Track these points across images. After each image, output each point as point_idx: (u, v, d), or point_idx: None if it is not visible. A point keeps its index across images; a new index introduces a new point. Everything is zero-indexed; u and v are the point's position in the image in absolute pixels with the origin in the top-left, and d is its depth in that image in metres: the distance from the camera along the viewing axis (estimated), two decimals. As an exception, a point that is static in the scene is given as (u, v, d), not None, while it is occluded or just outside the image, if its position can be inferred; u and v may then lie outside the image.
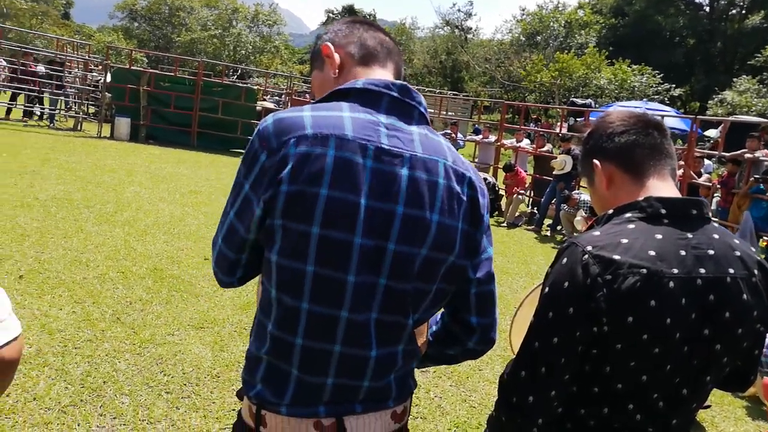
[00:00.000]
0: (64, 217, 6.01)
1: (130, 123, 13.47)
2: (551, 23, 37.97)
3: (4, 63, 14.79)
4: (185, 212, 7.11)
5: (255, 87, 18.20)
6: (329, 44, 1.23)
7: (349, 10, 48.45)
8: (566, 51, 32.36)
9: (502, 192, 10.91)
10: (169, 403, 2.99)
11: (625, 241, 1.12)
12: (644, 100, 24.08)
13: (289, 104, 16.34)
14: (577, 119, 16.50)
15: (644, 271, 1.09)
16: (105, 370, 3.19)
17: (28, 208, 6.09)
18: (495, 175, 12.14)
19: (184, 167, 10.78)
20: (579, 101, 20.57)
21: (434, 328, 1.30)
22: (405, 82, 1.18)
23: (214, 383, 3.25)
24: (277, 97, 21.09)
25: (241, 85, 17.40)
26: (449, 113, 21.00)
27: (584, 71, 29.05)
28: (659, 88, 28.25)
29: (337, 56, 1.22)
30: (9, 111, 14.52)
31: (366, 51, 1.23)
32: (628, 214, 1.19)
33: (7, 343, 0.99)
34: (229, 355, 3.59)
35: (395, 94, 1.14)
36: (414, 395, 1.26)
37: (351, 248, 1.05)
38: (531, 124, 21.25)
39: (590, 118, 13.20)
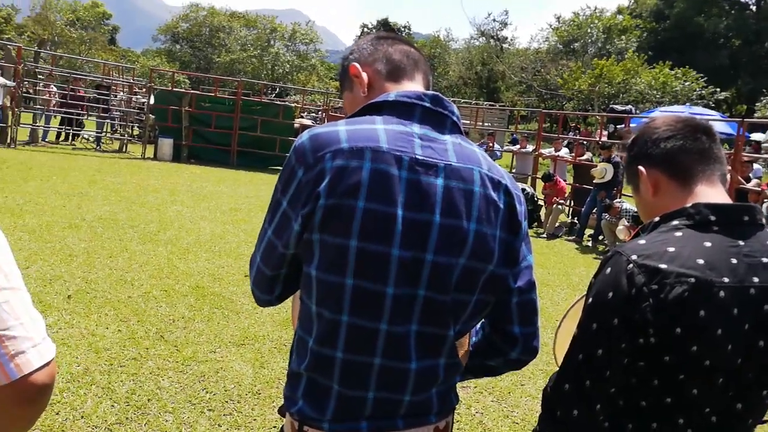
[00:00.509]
0: (110, 237, 6.21)
1: (173, 143, 13.87)
2: (589, 29, 37.42)
3: (55, 89, 15.46)
4: (226, 230, 7.25)
5: (292, 104, 18.50)
6: (356, 64, 1.24)
7: (384, 24, 48.88)
8: (605, 57, 31.81)
9: (541, 202, 10.75)
10: (212, 421, 3.03)
11: (671, 249, 1.09)
12: (688, 104, 23.41)
13: (326, 120, 16.55)
14: (618, 126, 16.15)
15: (692, 280, 1.05)
16: (149, 387, 3.26)
17: (76, 229, 6.31)
18: (533, 185, 11.99)
19: (224, 185, 11.01)
20: (619, 107, 20.10)
21: (475, 339, 1.29)
22: (437, 92, 1.18)
23: (255, 400, 3.28)
24: (314, 114, 21.39)
25: (279, 103, 17.72)
26: (485, 124, 20.88)
27: (623, 76, 28.48)
28: (703, 92, 27.46)
29: (365, 75, 1.23)
30: (59, 135, 15.16)
31: (393, 66, 1.24)
32: (675, 222, 1.15)
33: (41, 368, 1.00)
34: (269, 372, 3.62)
35: (428, 105, 1.14)
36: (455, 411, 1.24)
37: (389, 260, 1.05)
38: (569, 133, 20.90)
39: (631, 124, 12.92)
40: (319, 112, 19.98)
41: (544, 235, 9.95)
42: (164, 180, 10.68)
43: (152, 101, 14.64)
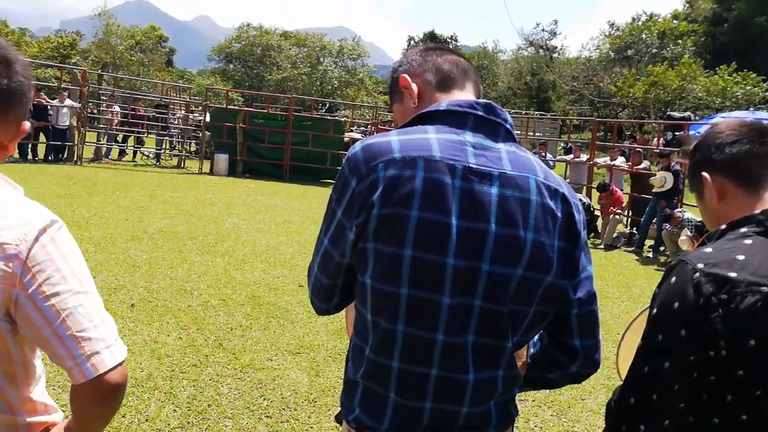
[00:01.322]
0: (170, 248, 6.41)
1: (228, 159, 14.29)
2: (643, 35, 36.42)
3: (117, 109, 16.20)
4: (280, 241, 7.37)
5: (342, 119, 18.75)
6: (405, 75, 1.24)
7: (431, 37, 49.03)
8: (659, 63, 30.86)
9: (597, 213, 10.47)
10: (270, 427, 3.06)
11: (741, 257, 1.03)
12: (750, 109, 22.39)
13: (375, 133, 16.66)
14: (676, 133, 15.60)
15: (765, 289, 1.00)
16: (209, 394, 3.32)
17: (138, 241, 6.55)
18: (589, 195, 11.69)
19: (278, 199, 11.23)
20: (677, 114, 19.46)
21: (533, 350, 1.25)
22: (489, 101, 1.16)
23: (311, 408, 3.29)
24: (363, 128, 21.61)
25: (329, 118, 17.99)
26: (537, 134, 20.57)
27: (679, 83, 27.54)
28: (767, 95, 26.20)
29: (414, 86, 1.23)
30: (121, 153, 15.86)
31: (443, 75, 1.23)
32: (743, 229, 1.10)
33: (114, 368, 1.04)
34: (324, 381, 3.63)
35: (480, 113, 1.13)
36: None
37: (444, 270, 1.03)
38: (625, 141, 20.34)
39: (690, 131, 12.45)
40: (369, 126, 20.17)
41: (602, 246, 9.68)
42: (220, 194, 10.99)
43: (208, 119, 15.15)
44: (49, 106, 13.42)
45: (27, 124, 1.12)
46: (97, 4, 38.88)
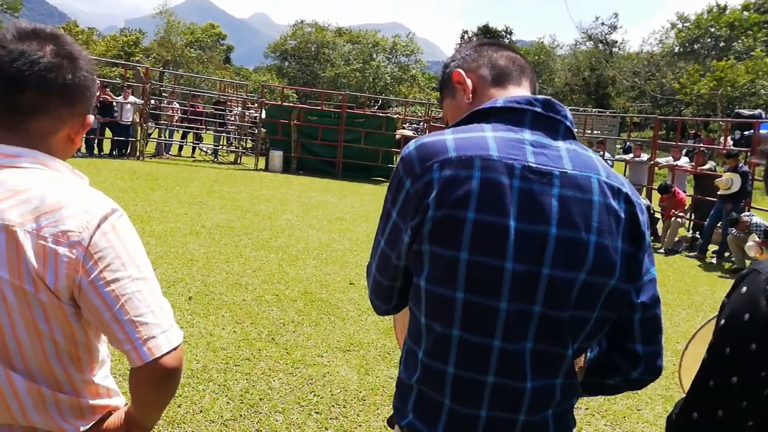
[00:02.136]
0: (227, 243, 6.58)
1: (283, 155, 14.54)
2: (711, 28, 34.76)
3: (177, 105, 16.75)
4: (332, 238, 7.45)
5: (394, 116, 18.77)
6: (459, 70, 1.21)
7: (485, 31, 48.35)
8: (727, 58, 29.40)
9: (658, 215, 10.09)
10: (319, 424, 3.09)
11: None
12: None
13: (427, 131, 16.62)
14: (745, 132, 14.84)
15: None
16: (261, 387, 3.39)
17: (196, 235, 6.75)
18: (649, 196, 11.29)
19: (330, 195, 11.36)
20: (746, 112, 18.50)
21: (590, 354, 1.21)
22: (548, 97, 1.12)
23: (360, 406, 3.31)
24: (415, 125, 21.56)
25: (381, 115, 18.04)
26: (595, 132, 20.01)
27: (749, 78, 26.16)
28: None
29: (469, 81, 1.20)
30: (181, 148, 16.40)
31: (498, 71, 1.19)
32: None
33: (169, 352, 1.07)
34: (374, 379, 3.65)
35: (539, 110, 1.09)
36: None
37: (502, 274, 1.00)
38: (689, 140, 19.49)
39: (761, 130, 11.81)
40: (421, 123, 20.11)
41: (662, 251, 9.33)
42: (275, 190, 11.20)
43: (264, 115, 15.46)
44: (114, 103, 14.02)
45: (91, 118, 1.16)
46: (159, 2, 40.28)
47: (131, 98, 14.23)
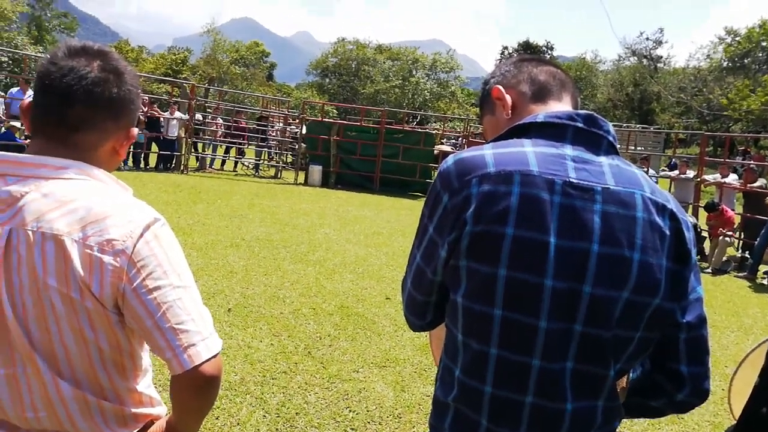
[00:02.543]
0: (266, 256, 6.67)
1: (322, 170, 14.73)
2: (762, 42, 33.66)
3: (221, 121, 17.16)
4: (369, 253, 7.47)
5: (433, 131, 18.78)
6: (499, 86, 1.20)
7: (525, 46, 48.04)
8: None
9: (705, 234, 9.76)
10: (354, 440, 3.08)
11: None
12: None
13: (466, 146, 16.56)
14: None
15: None
16: (297, 402, 3.40)
17: (236, 248, 6.87)
18: (696, 214, 10.94)
19: (367, 210, 11.41)
20: (800, 128, 17.77)
21: (633, 375, 1.17)
22: (590, 112, 1.10)
23: (395, 423, 3.29)
24: (453, 140, 21.52)
25: (420, 130, 18.09)
26: (638, 148, 19.56)
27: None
28: None
29: (508, 97, 1.19)
30: (224, 163, 16.78)
31: (539, 86, 1.18)
32: None
33: (209, 360, 1.08)
34: (410, 396, 3.62)
35: (580, 125, 1.07)
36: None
37: (541, 291, 0.98)
38: (738, 157, 18.85)
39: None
40: (460, 138, 20.06)
41: (709, 270, 9.01)
42: (314, 204, 11.32)
43: (304, 131, 15.71)
44: (160, 118, 14.48)
45: (135, 131, 1.20)
46: (206, 21, 41.53)
47: (177, 114, 14.66)
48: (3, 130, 11.68)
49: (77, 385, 1.08)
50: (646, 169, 11.90)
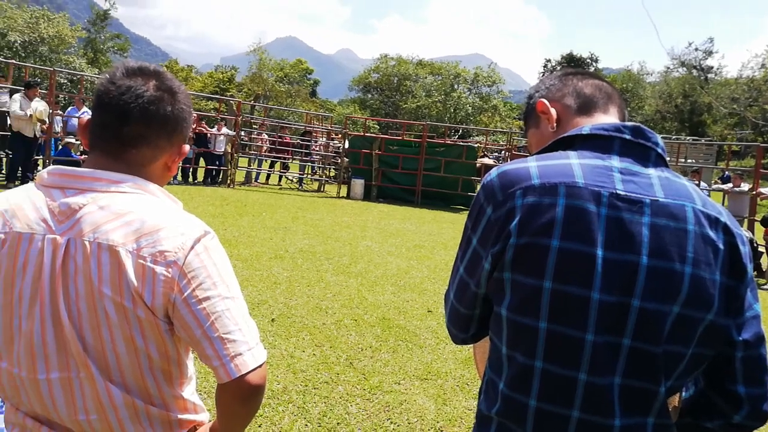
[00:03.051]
0: (308, 268, 6.74)
1: (364, 184, 14.85)
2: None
3: (266, 137, 17.54)
4: (410, 265, 7.46)
5: (475, 145, 18.70)
6: (544, 100, 1.19)
7: (569, 59, 47.39)
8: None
9: (762, 249, 9.35)
10: (395, 452, 3.05)
11: None
12: None
13: (509, 159, 16.40)
14: None
15: None
16: (338, 412, 3.40)
17: (280, 260, 6.97)
18: (751, 228, 10.50)
19: (409, 223, 11.40)
20: None
21: (686, 394, 1.13)
22: (638, 123, 1.08)
23: (437, 437, 3.25)
24: (496, 153, 21.36)
25: (462, 144, 18.04)
26: (689, 160, 18.96)
27: None
28: None
29: (553, 111, 1.18)
30: (268, 177, 17.11)
31: (584, 99, 1.17)
32: None
33: (255, 369, 1.10)
34: (451, 410, 3.57)
35: (628, 137, 1.05)
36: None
37: (588, 304, 0.96)
38: (796, 169, 18.02)
39: None
40: (502, 152, 19.90)
41: (767, 287, 8.61)
42: (356, 217, 11.40)
43: (347, 145, 15.89)
44: (208, 134, 14.91)
45: (187, 147, 1.25)
46: (252, 41, 42.71)
47: (224, 130, 15.06)
48: (60, 146, 12.24)
49: (127, 390, 1.11)
50: (697, 182, 11.52)
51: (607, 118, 1.15)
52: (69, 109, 13.55)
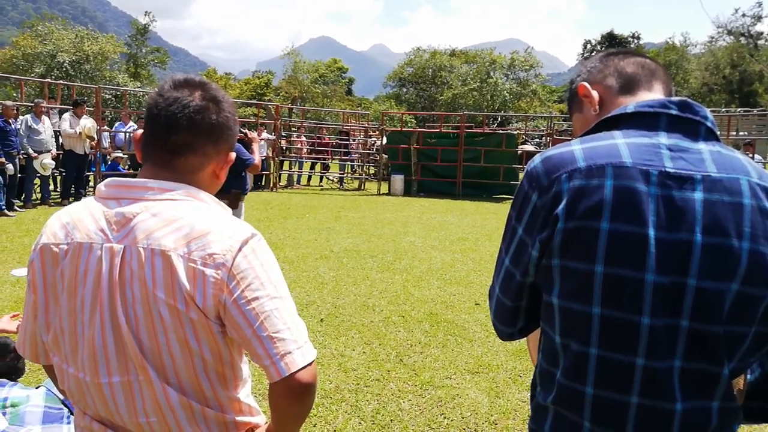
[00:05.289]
0: (354, 266, 6.79)
1: (404, 179, 14.84)
2: None
3: (305, 139, 17.73)
4: (455, 259, 7.42)
5: (515, 132, 18.42)
6: (584, 83, 1.18)
7: (609, 38, 46.06)
8: None
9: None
10: (450, 447, 3.05)
11: None
12: None
13: (551, 144, 16.09)
14: None
15: None
16: (391, 408, 3.42)
17: (326, 260, 7.05)
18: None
19: (451, 216, 11.34)
20: None
21: (751, 376, 1.10)
22: (685, 98, 1.05)
23: (491, 430, 3.23)
24: (537, 139, 20.99)
25: (501, 132, 17.80)
26: (741, 133, 18.18)
27: None
28: None
29: (595, 93, 1.16)
30: (309, 178, 17.30)
31: (626, 78, 1.15)
32: None
33: (304, 367, 1.12)
34: (505, 402, 3.54)
35: (674, 112, 1.02)
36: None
37: (642, 286, 0.94)
38: None
39: None
40: (543, 137, 19.54)
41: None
42: (397, 213, 11.42)
43: (384, 142, 15.90)
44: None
45: (233, 155, 1.28)
46: (286, 44, 43.22)
47: (264, 134, 15.30)
48: (109, 161, 12.70)
49: (183, 392, 1.14)
50: (751, 155, 11.05)
51: (652, 95, 1.13)
52: (116, 124, 14.02)
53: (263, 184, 15.33)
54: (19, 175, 9.96)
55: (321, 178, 17.65)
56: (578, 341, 0.99)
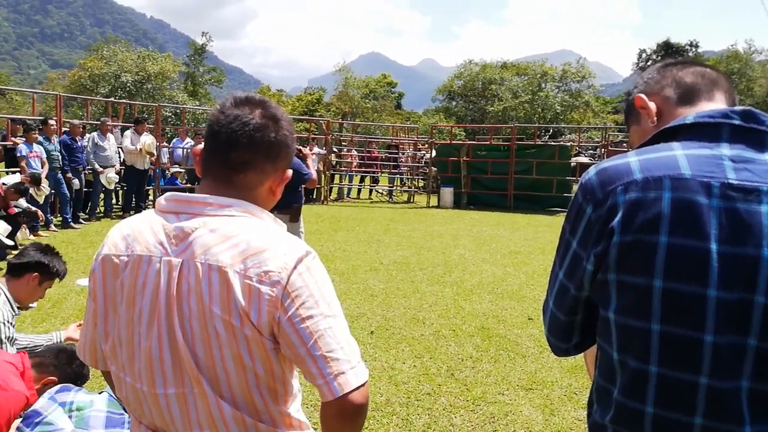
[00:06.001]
0: (403, 279, 6.77)
1: (453, 191, 14.76)
2: None
3: (355, 153, 17.92)
4: (506, 272, 7.30)
5: (568, 144, 18.06)
6: (641, 95, 1.15)
7: (665, 47, 44.67)
8: None
9: None
10: (503, 465, 2.98)
11: None
12: None
13: (605, 156, 15.69)
14: None
15: None
16: (443, 424, 3.37)
17: (375, 272, 7.06)
18: None
19: (502, 229, 11.18)
20: None
21: None
22: (748, 107, 1.00)
23: (546, 449, 3.13)
24: (591, 151, 20.50)
25: (553, 144, 17.49)
26: (811, 143, 17.23)
27: None
28: None
29: (652, 104, 1.13)
30: (359, 191, 17.45)
31: (685, 89, 1.11)
32: None
33: (357, 388, 1.11)
34: (560, 420, 3.43)
35: (737, 122, 0.98)
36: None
37: (705, 302, 0.90)
38: None
39: None
40: (598, 149, 19.07)
41: None
42: (447, 226, 11.35)
43: (434, 155, 15.89)
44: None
45: (290, 172, 1.28)
46: (337, 60, 43.95)
47: (315, 149, 15.54)
48: (168, 175, 13.17)
49: (236, 407, 1.15)
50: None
51: (713, 105, 1.09)
52: (174, 140, 14.54)
53: (314, 197, 15.54)
54: (84, 189, 10.47)
55: (371, 191, 17.77)
56: (636, 358, 0.96)
